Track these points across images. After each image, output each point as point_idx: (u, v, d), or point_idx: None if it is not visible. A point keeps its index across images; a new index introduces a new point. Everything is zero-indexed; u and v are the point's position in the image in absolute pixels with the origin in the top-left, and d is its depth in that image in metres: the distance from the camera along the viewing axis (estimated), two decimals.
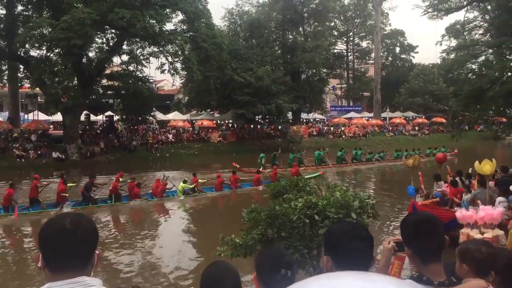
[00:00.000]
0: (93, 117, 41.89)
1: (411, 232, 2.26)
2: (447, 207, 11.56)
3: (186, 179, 20.26)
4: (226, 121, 45.75)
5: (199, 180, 20.20)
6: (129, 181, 18.57)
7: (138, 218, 16.65)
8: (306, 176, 23.09)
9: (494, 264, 2.56)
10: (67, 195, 16.79)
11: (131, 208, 17.33)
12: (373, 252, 2.04)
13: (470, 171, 14.17)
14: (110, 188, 17.82)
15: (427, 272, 2.21)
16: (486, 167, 9.15)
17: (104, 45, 34.15)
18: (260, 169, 24.39)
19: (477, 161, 9.90)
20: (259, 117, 43.22)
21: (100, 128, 40.30)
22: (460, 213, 7.36)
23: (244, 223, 5.88)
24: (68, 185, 17.46)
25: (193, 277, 9.51)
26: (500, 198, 10.04)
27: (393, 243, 2.37)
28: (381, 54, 63.83)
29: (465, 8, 30.98)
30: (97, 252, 1.81)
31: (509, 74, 22.15)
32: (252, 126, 43.03)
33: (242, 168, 24.91)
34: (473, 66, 34.26)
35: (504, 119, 32.07)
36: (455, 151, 33.10)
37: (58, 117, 36.10)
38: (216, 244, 6.11)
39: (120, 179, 18.79)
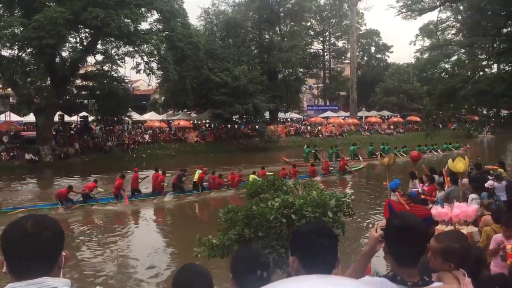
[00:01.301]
0: (67, 118, 41.13)
1: (393, 235, 2.24)
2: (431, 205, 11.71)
3: (255, 170, 21.15)
4: (203, 121, 45.56)
5: (266, 173, 20.90)
6: (210, 173, 20.46)
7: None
8: (353, 168, 25.17)
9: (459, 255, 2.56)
10: (165, 184, 19.00)
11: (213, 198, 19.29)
12: (337, 252, 2.04)
13: (444, 169, 14.40)
14: (196, 179, 19.73)
15: (401, 273, 2.19)
16: (459, 164, 9.28)
17: (78, 44, 33.51)
18: (306, 162, 27.27)
19: (450, 159, 10.05)
20: (236, 117, 43.17)
21: (75, 129, 39.63)
22: (436, 210, 7.43)
23: (221, 223, 5.83)
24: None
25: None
26: (472, 195, 10.23)
27: (381, 231, 2.35)
28: (357, 53, 64.47)
29: (438, 9, 31.43)
30: (64, 253, 1.75)
31: (481, 73, 22.57)
32: (229, 126, 42.96)
33: (290, 162, 26.47)
34: (446, 66, 34.92)
35: (476, 118, 32.78)
36: (468, 146, 36.75)
37: (31, 118, 35.38)
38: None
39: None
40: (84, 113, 39.65)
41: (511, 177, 12.69)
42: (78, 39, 33.82)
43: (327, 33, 71.35)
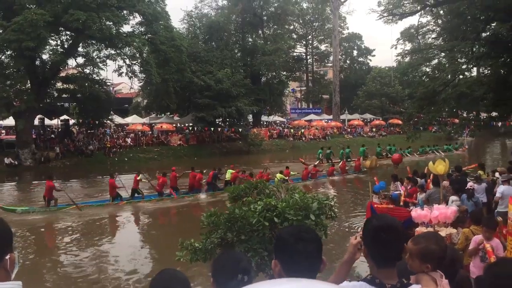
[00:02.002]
0: (47, 121, 40.48)
1: (372, 236, 2.25)
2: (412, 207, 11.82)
3: (282, 170, 22.77)
4: (186, 124, 45.37)
5: (291, 173, 22.75)
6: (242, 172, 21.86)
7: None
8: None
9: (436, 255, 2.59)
10: (204, 182, 20.40)
11: None
12: (321, 255, 2.04)
13: (425, 171, 14.56)
14: (230, 178, 20.95)
15: (379, 275, 2.21)
16: (440, 167, 9.43)
17: (59, 47, 33.08)
18: (317, 163, 28.31)
19: (431, 162, 10.19)
20: (220, 120, 43.11)
21: (55, 133, 39.08)
22: (415, 212, 7.52)
23: (203, 227, 5.80)
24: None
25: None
26: (453, 197, 10.38)
27: (360, 239, 2.36)
28: (340, 57, 64.92)
29: (419, 13, 31.90)
30: (8, 256, 1.67)
31: (461, 77, 22.99)
32: (212, 129, 42.87)
33: (306, 163, 27.01)
34: (427, 69, 35.37)
35: (456, 120, 33.30)
36: (466, 147, 39.60)
37: (11, 121, 34.78)
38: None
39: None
40: (65, 116, 39.10)
41: (491, 179, 12.92)
42: (58, 41, 33.42)
43: (310, 37, 71.75)
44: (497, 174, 13.45)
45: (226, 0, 52.72)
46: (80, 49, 34.52)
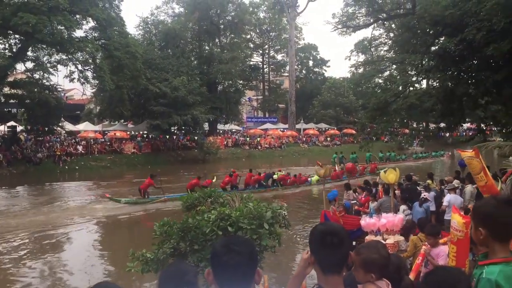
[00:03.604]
0: None
1: (317, 241, 2.27)
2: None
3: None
4: (141, 132, 44.57)
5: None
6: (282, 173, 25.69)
7: None
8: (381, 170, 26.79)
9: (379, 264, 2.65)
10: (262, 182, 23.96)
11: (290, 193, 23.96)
12: (254, 266, 2.03)
13: (377, 180, 14.90)
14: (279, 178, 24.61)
15: (325, 284, 2.22)
16: (391, 176, 9.65)
17: (7, 51, 31.76)
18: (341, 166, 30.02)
19: (382, 171, 10.42)
20: (175, 128, 42.64)
21: (2, 139, 37.36)
22: (364, 221, 7.66)
23: (155, 237, 5.66)
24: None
25: None
26: (403, 206, 10.68)
27: (311, 253, 2.36)
28: (296, 67, 65.88)
29: (372, 26, 32.89)
30: None
31: (411, 88, 23.77)
32: (167, 137, 42.32)
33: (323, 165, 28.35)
34: (379, 80, 36.36)
35: (406, 131, 34.37)
36: (449, 153, 44.25)
37: None
38: None
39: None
40: (12, 123, 37.53)
41: (440, 188, 13.36)
42: (7, 45, 32.05)
43: (266, 46, 72.48)
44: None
45: (182, 7, 52.53)
46: (29, 53, 33.34)
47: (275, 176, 24.88)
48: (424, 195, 11.27)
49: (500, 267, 2.24)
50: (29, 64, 33.73)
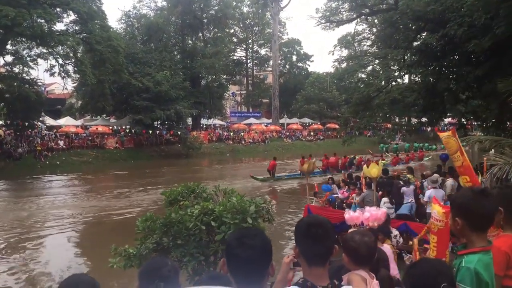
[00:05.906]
0: None
1: (302, 233, 2.29)
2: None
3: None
4: (123, 127, 44.15)
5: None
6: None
7: None
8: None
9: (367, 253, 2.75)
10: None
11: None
12: (268, 260, 2.05)
13: (361, 174, 15.00)
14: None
15: (310, 276, 2.24)
16: (373, 170, 9.75)
17: None
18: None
19: (365, 165, 10.51)
20: (158, 122, 42.36)
21: None
22: (348, 214, 7.72)
23: (138, 232, 5.60)
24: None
25: None
26: (384, 199, 10.83)
27: (292, 257, 2.36)
28: (279, 61, 65.85)
29: (355, 21, 32.99)
30: None
31: (393, 83, 23.95)
32: (150, 132, 42.02)
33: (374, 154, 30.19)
34: (362, 75, 36.55)
35: (389, 125, 34.66)
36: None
37: None
38: None
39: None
40: None
41: (420, 182, 13.52)
42: None
43: (250, 41, 72.21)
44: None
45: (165, 1, 52.00)
46: (9, 46, 32.62)
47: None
48: (403, 190, 11.46)
49: (479, 256, 2.31)
50: (9, 58, 33.05)
